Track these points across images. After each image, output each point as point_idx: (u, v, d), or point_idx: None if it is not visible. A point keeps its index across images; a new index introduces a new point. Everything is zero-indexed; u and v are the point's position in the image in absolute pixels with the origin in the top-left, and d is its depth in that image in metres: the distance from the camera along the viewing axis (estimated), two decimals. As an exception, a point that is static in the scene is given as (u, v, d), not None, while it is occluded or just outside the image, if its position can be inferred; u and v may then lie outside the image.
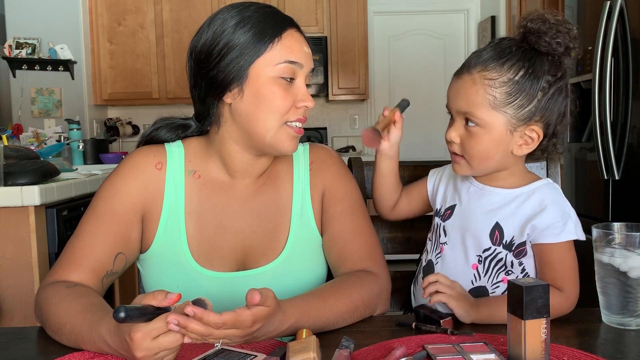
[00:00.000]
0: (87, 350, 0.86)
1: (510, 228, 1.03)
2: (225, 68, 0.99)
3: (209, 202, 1.07)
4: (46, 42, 4.05)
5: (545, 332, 0.76)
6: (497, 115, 0.99)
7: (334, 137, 5.03)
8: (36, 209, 1.84)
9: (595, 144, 2.51)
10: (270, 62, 0.99)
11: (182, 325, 0.75)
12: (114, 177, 1.06)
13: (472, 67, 1.00)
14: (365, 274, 1.05)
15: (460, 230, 1.08)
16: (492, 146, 1.01)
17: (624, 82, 2.33)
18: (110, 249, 1.01)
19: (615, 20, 2.32)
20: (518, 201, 1.04)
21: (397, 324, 0.97)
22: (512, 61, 0.98)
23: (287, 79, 1.00)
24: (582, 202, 2.82)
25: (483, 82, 0.98)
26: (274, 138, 1.01)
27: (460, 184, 1.12)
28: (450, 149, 1.06)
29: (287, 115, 1.00)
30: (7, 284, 1.83)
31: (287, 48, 1.00)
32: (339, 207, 1.10)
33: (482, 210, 1.06)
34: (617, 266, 0.92)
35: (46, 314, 0.92)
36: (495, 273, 1.05)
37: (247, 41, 0.98)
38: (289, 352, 0.77)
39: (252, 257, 1.07)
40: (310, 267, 1.11)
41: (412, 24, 5.02)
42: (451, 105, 1.04)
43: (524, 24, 1.00)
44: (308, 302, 0.93)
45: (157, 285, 1.08)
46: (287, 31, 1.01)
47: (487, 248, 1.05)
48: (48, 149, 2.82)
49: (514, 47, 1.00)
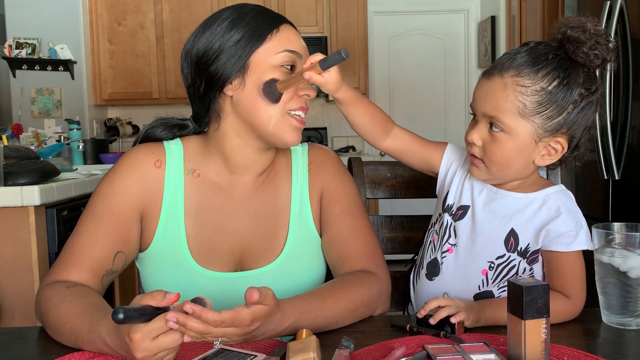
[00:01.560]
0: (87, 351, 0.86)
1: (526, 235, 1.02)
2: (227, 61, 1.00)
3: (207, 202, 1.07)
4: (46, 42, 4.05)
5: (545, 332, 0.76)
6: (525, 124, 0.96)
7: (334, 137, 5.03)
8: (36, 209, 1.84)
9: (595, 144, 2.51)
10: (270, 52, 1.00)
11: (181, 323, 0.75)
12: (112, 175, 1.05)
13: (504, 70, 0.96)
14: (365, 274, 1.05)
15: (472, 233, 1.06)
16: (514, 154, 0.98)
17: (624, 82, 2.33)
18: (110, 247, 1.01)
19: (615, 20, 2.32)
20: (533, 207, 1.02)
21: (391, 326, 0.96)
22: (547, 69, 0.95)
23: (288, 67, 1.01)
24: (582, 202, 2.82)
25: (515, 88, 0.95)
26: (277, 127, 1.01)
27: (475, 183, 1.08)
28: (469, 151, 1.03)
29: (289, 104, 1.01)
30: (7, 284, 1.83)
31: (285, 39, 1.02)
32: (338, 207, 1.10)
33: (496, 215, 1.04)
34: (617, 266, 0.92)
35: (46, 314, 0.92)
36: (505, 279, 1.04)
37: (246, 34, 1.00)
38: (289, 352, 0.77)
39: (250, 257, 1.07)
40: (309, 268, 1.10)
41: (412, 24, 5.02)
42: (477, 106, 1.00)
43: (563, 30, 0.96)
44: (307, 302, 0.93)
45: (156, 284, 1.08)
46: (283, 24, 1.03)
47: (500, 255, 1.03)
48: (48, 149, 2.82)
49: (550, 55, 0.96)
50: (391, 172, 1.37)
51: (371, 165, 1.38)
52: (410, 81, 5.01)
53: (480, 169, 1.02)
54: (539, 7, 3.62)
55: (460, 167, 1.12)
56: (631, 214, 2.32)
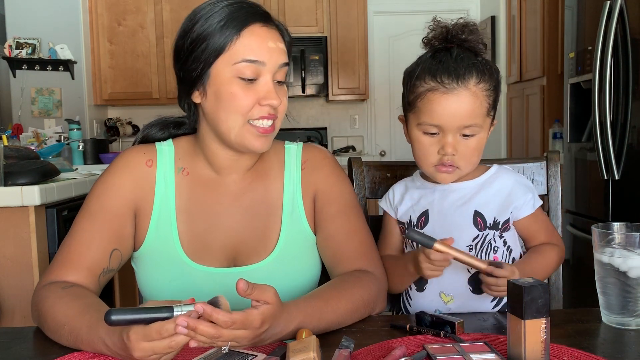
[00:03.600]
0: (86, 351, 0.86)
1: (489, 212, 1.10)
2: (190, 69, 1.00)
3: (198, 199, 1.08)
4: (46, 42, 4.05)
5: (545, 332, 0.76)
6: (488, 119, 1.07)
7: (334, 137, 5.03)
8: (36, 209, 1.84)
9: (595, 144, 2.51)
10: (228, 62, 0.98)
11: (192, 327, 0.73)
12: (106, 176, 1.07)
13: (465, 82, 1.03)
14: (363, 273, 1.05)
15: (441, 230, 1.09)
16: (482, 146, 1.09)
17: (624, 82, 2.33)
18: (106, 246, 1.02)
19: (615, 20, 2.32)
20: (485, 188, 1.11)
21: (390, 326, 0.96)
22: (484, 66, 1.06)
23: (246, 79, 0.98)
24: (582, 202, 2.82)
25: (483, 94, 1.05)
26: (239, 137, 1.01)
27: (419, 192, 1.15)
28: (447, 164, 1.07)
29: (249, 114, 1.00)
30: (7, 284, 1.83)
31: (245, 46, 0.98)
32: (333, 207, 1.10)
33: (455, 205, 1.11)
34: (616, 266, 0.92)
35: (44, 316, 0.92)
36: (486, 255, 1.10)
37: (208, 42, 0.98)
38: (289, 352, 0.77)
39: (243, 253, 1.08)
40: (304, 265, 1.11)
41: (412, 24, 5.01)
42: (449, 122, 1.04)
43: (452, 34, 1.09)
44: (311, 304, 0.93)
45: (151, 281, 1.08)
46: (248, 28, 0.99)
47: (475, 236, 1.09)
48: (48, 149, 2.82)
49: (469, 54, 1.06)
50: (391, 172, 1.37)
51: (371, 165, 1.38)
52: (410, 81, 5.01)
53: (454, 174, 1.09)
54: (539, 7, 3.62)
55: (403, 191, 1.19)
56: (631, 214, 2.33)
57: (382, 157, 4.97)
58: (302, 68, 4.51)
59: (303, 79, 4.54)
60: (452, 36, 1.08)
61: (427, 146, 1.07)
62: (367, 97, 4.79)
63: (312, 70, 4.56)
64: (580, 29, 2.78)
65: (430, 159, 1.07)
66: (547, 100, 3.59)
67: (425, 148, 1.07)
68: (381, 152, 5.03)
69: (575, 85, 2.86)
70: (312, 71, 4.56)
